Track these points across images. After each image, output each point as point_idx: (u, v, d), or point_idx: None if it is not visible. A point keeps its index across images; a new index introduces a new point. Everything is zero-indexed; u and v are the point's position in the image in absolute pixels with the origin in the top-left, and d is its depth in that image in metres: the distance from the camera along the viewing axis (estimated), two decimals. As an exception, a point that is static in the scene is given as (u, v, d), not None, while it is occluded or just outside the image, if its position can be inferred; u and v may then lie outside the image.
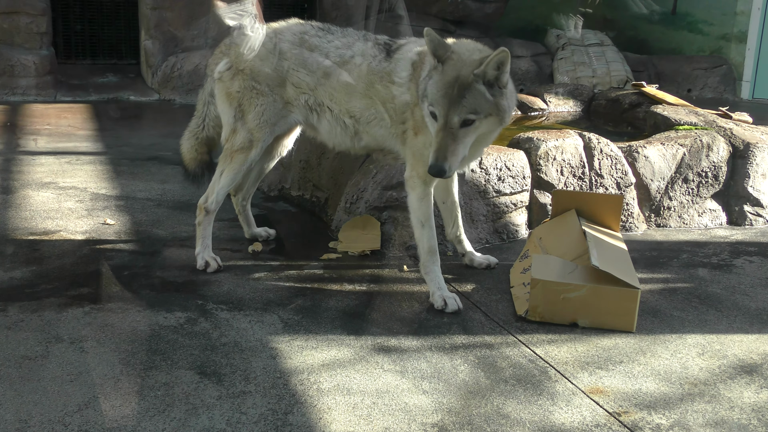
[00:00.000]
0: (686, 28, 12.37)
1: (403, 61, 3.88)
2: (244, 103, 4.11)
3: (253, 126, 4.10)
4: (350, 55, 4.01)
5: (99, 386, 2.93)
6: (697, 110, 6.04)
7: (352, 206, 4.65)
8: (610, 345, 3.49)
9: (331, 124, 4.11)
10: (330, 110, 4.08)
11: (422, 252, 3.92)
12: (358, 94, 3.98)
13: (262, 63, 4.08)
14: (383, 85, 3.91)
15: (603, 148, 5.00)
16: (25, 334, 3.32)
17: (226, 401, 2.87)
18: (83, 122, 8.20)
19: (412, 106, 3.81)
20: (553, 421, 2.85)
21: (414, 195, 3.90)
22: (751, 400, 3.05)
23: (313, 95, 4.08)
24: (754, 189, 5.38)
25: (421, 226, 3.90)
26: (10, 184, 5.66)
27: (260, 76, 4.08)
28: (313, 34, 4.11)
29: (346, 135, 4.11)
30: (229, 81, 4.14)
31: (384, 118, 3.97)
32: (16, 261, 4.18)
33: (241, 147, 4.12)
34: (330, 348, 3.35)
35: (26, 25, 9.54)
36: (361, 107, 3.99)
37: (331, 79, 4.02)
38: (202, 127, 4.42)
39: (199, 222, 4.20)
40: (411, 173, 3.89)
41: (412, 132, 3.85)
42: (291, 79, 4.08)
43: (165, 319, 3.54)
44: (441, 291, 3.83)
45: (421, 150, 3.80)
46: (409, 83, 3.82)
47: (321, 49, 4.06)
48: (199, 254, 4.18)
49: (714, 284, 4.28)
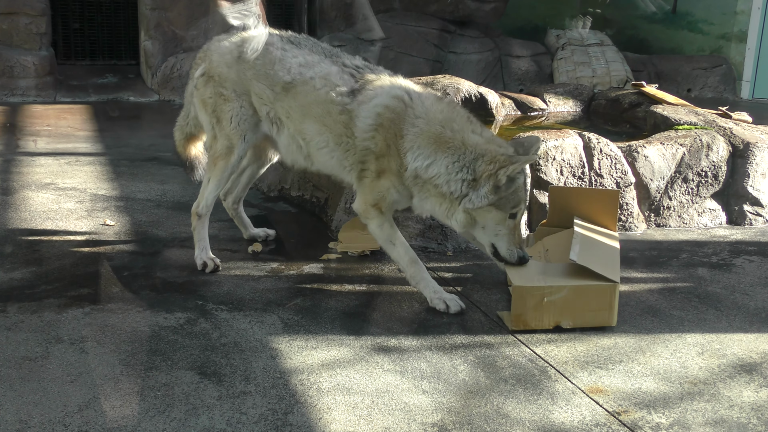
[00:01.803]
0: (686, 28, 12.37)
1: (369, 108, 3.78)
2: (217, 109, 4.12)
3: (229, 131, 4.10)
4: (310, 75, 3.93)
5: (99, 387, 2.94)
6: (697, 110, 6.04)
7: (351, 206, 4.65)
8: (610, 344, 3.49)
9: (288, 140, 4.08)
10: (287, 127, 4.04)
11: (404, 266, 3.89)
12: (313, 117, 3.93)
13: (228, 70, 4.08)
14: (343, 120, 3.84)
15: (603, 148, 5.00)
16: (25, 335, 3.32)
17: (226, 401, 2.88)
18: (83, 123, 8.20)
19: (375, 154, 3.77)
20: (553, 421, 2.85)
21: (374, 224, 3.89)
22: (750, 399, 3.06)
23: (272, 108, 4.05)
24: (754, 188, 5.38)
25: (392, 245, 3.90)
26: (10, 185, 5.66)
27: (227, 83, 4.08)
28: (278, 46, 4.05)
29: (300, 155, 4.08)
30: (203, 88, 4.16)
31: (334, 150, 3.91)
32: (16, 262, 4.18)
33: (221, 153, 4.14)
34: (330, 348, 3.35)
35: (25, 26, 9.54)
36: (312, 131, 3.94)
37: (288, 96, 3.97)
38: (186, 122, 4.48)
39: (194, 227, 4.23)
40: (366, 207, 3.87)
41: (373, 174, 3.81)
42: (253, 88, 4.05)
43: (165, 320, 3.54)
44: (438, 294, 3.81)
45: (383, 192, 3.79)
46: (375, 133, 3.75)
47: (283, 62, 3.99)
48: (197, 256, 4.20)
49: (714, 283, 4.28)
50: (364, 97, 3.81)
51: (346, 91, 3.85)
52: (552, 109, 6.98)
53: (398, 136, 3.70)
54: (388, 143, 3.73)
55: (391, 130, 3.72)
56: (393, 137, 3.71)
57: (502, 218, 3.63)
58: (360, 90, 3.84)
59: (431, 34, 11.57)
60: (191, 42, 10.19)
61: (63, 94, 9.68)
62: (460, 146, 3.61)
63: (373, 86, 3.84)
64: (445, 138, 3.63)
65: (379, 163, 3.78)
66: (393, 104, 3.74)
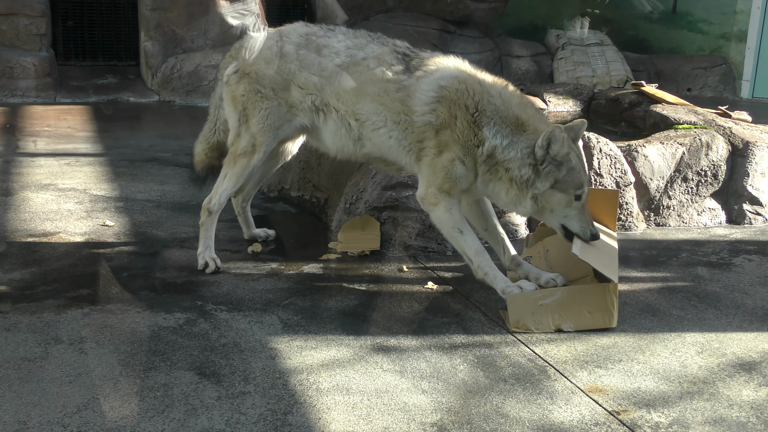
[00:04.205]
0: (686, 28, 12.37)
1: (429, 83, 3.79)
2: (248, 107, 4.10)
3: (257, 130, 4.09)
4: (362, 56, 3.95)
5: (98, 387, 2.93)
6: (697, 109, 6.04)
7: (351, 206, 4.65)
8: (609, 344, 3.49)
9: (337, 125, 4.04)
10: (336, 110, 4.01)
11: (471, 257, 3.81)
12: (368, 97, 3.91)
13: (267, 66, 4.07)
14: (400, 97, 3.83)
15: (602, 148, 5.00)
16: (24, 336, 3.32)
17: (226, 402, 2.88)
18: (83, 124, 8.20)
19: (435, 128, 3.75)
20: (553, 420, 2.85)
21: (440, 209, 3.81)
22: (750, 397, 3.05)
23: (319, 95, 4.03)
24: (754, 188, 5.38)
25: (460, 233, 3.81)
26: (10, 185, 5.66)
27: (264, 80, 4.07)
28: (321, 34, 4.07)
29: (349, 138, 4.03)
30: (235, 84, 4.14)
31: (393, 129, 3.89)
32: (15, 263, 4.18)
33: (244, 151, 4.12)
34: (329, 348, 3.35)
35: (25, 27, 9.54)
36: (368, 111, 3.92)
37: (340, 78, 3.97)
38: (214, 131, 4.42)
39: (202, 222, 4.21)
40: (429, 189, 3.80)
41: (434, 150, 3.77)
42: (296, 80, 4.04)
43: (164, 320, 3.54)
44: (510, 287, 3.71)
45: (447, 166, 3.73)
46: (437, 105, 3.74)
47: (330, 48, 4.01)
48: (200, 254, 4.18)
49: (713, 283, 4.28)
50: (422, 72, 3.82)
51: (402, 69, 3.86)
52: (552, 109, 6.97)
53: (471, 110, 3.68)
54: (454, 114, 3.70)
55: (459, 102, 3.70)
56: (463, 110, 3.69)
57: (569, 201, 3.67)
58: (417, 67, 3.85)
59: (431, 34, 11.56)
60: (191, 42, 10.19)
61: (63, 95, 9.68)
62: (534, 132, 3.64)
63: (432, 62, 3.87)
64: (522, 121, 3.67)
65: (440, 136, 3.74)
66: (463, 77, 3.78)
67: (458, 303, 3.89)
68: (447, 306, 3.85)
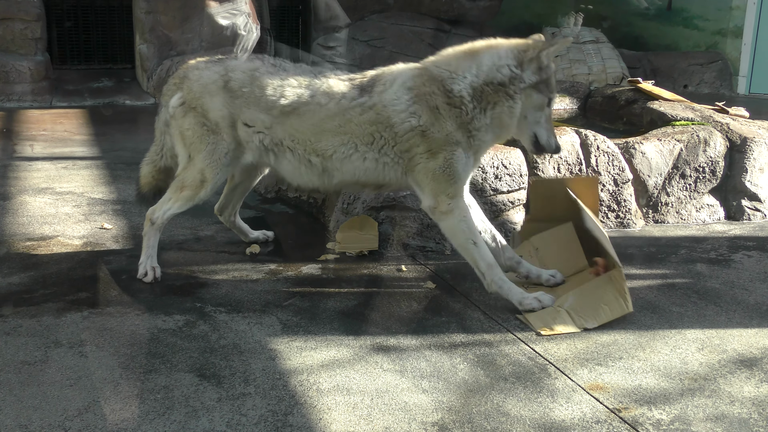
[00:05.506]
0: (681, 24, 12.36)
1: (394, 92, 3.74)
2: (195, 141, 3.99)
3: (204, 165, 3.99)
4: (310, 95, 3.84)
5: (99, 390, 2.93)
6: (694, 106, 6.05)
7: (349, 207, 4.64)
8: (610, 341, 3.49)
9: (294, 164, 3.95)
10: (291, 150, 3.91)
11: (484, 271, 3.76)
12: (329, 133, 3.82)
13: (211, 100, 3.95)
14: (368, 119, 3.76)
15: (600, 145, 5.00)
16: (24, 339, 3.32)
17: (226, 403, 2.87)
18: (79, 127, 8.19)
19: (422, 129, 3.71)
20: (553, 418, 2.85)
21: (454, 218, 3.75)
22: (751, 394, 3.05)
23: (269, 134, 3.92)
24: (752, 183, 5.38)
25: (474, 245, 3.76)
26: (7, 189, 5.65)
27: (210, 114, 3.95)
28: (264, 71, 3.95)
29: (313, 174, 3.94)
30: (181, 118, 4.03)
31: (366, 151, 3.81)
32: (13, 266, 4.18)
33: (191, 184, 4.03)
34: (329, 348, 3.35)
35: (21, 31, 9.51)
36: (333, 144, 3.83)
37: (291, 119, 3.86)
38: (161, 155, 4.30)
39: (145, 233, 4.13)
40: (439, 198, 3.74)
41: (425, 155, 3.72)
42: (243, 117, 3.93)
43: (164, 323, 3.54)
44: (527, 298, 3.71)
45: (444, 167, 3.71)
46: (415, 107, 3.70)
47: (275, 87, 3.88)
48: (142, 263, 4.08)
49: (713, 279, 4.28)
50: (381, 87, 3.79)
51: (357, 93, 3.80)
52: (548, 107, 6.96)
53: (445, 89, 3.70)
54: (433, 105, 3.69)
55: (431, 91, 3.70)
56: (439, 94, 3.70)
57: (542, 103, 3.74)
58: (372, 85, 3.82)
59: (426, 33, 11.57)
60: (185, 45, 10.16)
61: (59, 99, 9.66)
62: (493, 48, 3.77)
63: (384, 75, 3.85)
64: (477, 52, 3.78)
65: (429, 135, 3.70)
66: (418, 69, 3.79)
67: (457, 302, 3.88)
68: (446, 305, 3.85)
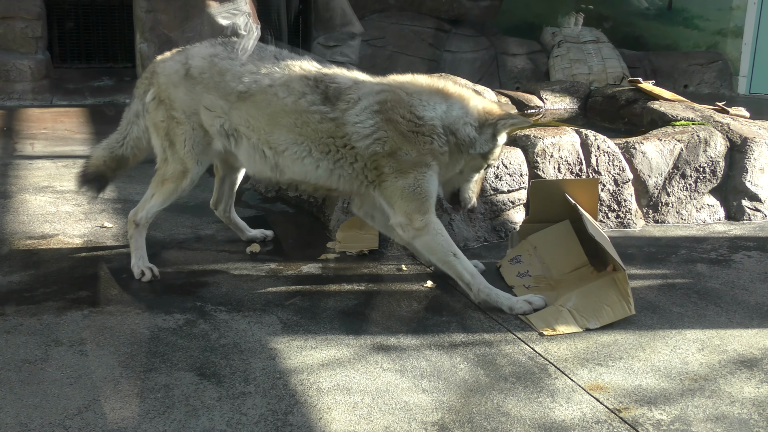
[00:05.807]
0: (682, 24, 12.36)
1: (360, 113, 3.70)
2: (169, 132, 4.01)
3: (183, 154, 4.00)
4: (268, 83, 3.81)
5: (99, 389, 2.93)
6: (694, 106, 6.04)
7: (349, 206, 4.64)
8: (610, 341, 3.49)
9: (249, 153, 3.93)
10: (246, 137, 3.90)
11: (469, 282, 3.76)
12: (284, 128, 3.79)
13: (175, 89, 3.96)
14: (326, 129, 3.73)
15: (600, 145, 5.00)
16: (24, 338, 3.32)
17: (226, 402, 2.87)
18: (79, 126, 8.18)
19: (387, 153, 3.69)
20: (554, 418, 2.85)
21: (428, 235, 3.75)
22: (751, 394, 3.05)
23: (227, 119, 3.91)
24: (752, 183, 5.38)
25: (454, 257, 3.77)
26: (8, 188, 5.65)
27: (176, 104, 3.97)
28: (224, 56, 3.94)
29: (265, 165, 3.92)
30: (154, 112, 4.04)
31: (320, 158, 3.79)
32: (14, 265, 4.18)
33: (172, 176, 4.04)
34: (329, 348, 3.35)
35: (21, 30, 9.51)
36: (286, 141, 3.80)
37: (246, 105, 3.84)
38: (122, 144, 4.27)
39: (131, 236, 4.13)
40: (411, 216, 3.73)
41: (394, 174, 3.71)
42: (204, 103, 3.92)
43: (164, 321, 3.54)
44: (518, 302, 3.71)
45: (414, 186, 3.70)
46: (380, 133, 3.68)
47: (233, 72, 3.87)
48: (134, 265, 4.07)
49: (713, 279, 4.28)
50: (346, 104, 3.73)
51: (320, 99, 3.75)
52: (549, 107, 6.97)
53: (411, 117, 3.69)
54: (401, 131, 3.67)
55: (397, 118, 3.68)
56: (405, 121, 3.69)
57: (480, 167, 3.90)
58: (338, 97, 3.75)
59: (427, 33, 11.56)
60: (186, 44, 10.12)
61: (59, 98, 9.66)
62: (460, 100, 3.82)
63: (350, 88, 3.77)
64: (459, 98, 3.82)
65: (398, 157, 3.69)
66: (387, 97, 3.73)
67: (457, 301, 3.88)
68: (446, 304, 3.85)
